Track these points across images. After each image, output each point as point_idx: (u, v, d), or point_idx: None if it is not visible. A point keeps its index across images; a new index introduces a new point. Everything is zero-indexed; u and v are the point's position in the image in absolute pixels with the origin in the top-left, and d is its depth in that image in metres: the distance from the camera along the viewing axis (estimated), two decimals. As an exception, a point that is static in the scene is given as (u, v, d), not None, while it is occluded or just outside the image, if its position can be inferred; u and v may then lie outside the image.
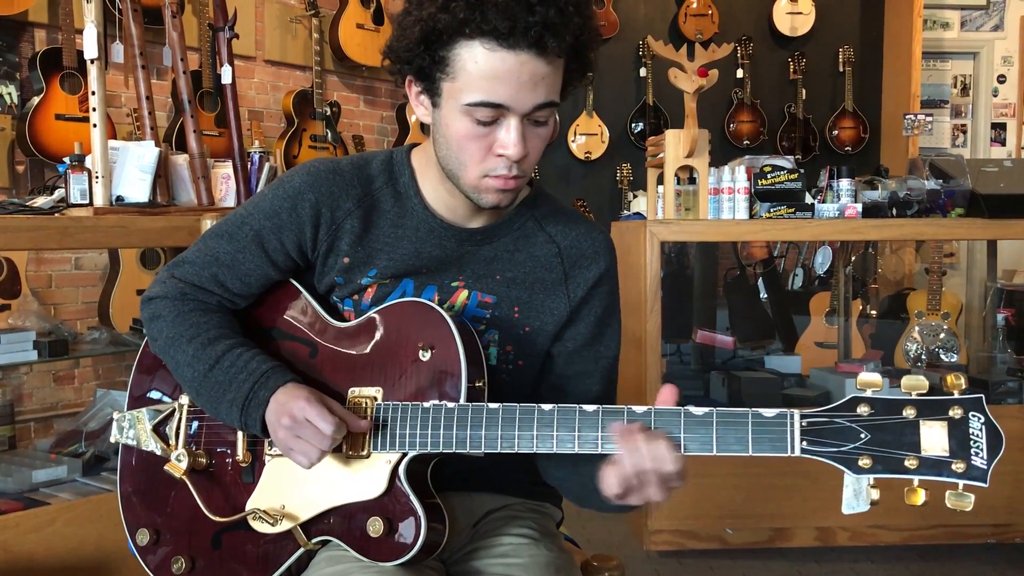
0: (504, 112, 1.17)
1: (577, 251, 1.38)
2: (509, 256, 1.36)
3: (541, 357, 1.39)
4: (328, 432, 1.17)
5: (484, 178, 1.22)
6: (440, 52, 1.17)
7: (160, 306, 1.33)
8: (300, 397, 1.20)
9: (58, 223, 2.14)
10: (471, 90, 1.16)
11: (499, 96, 1.16)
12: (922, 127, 4.02)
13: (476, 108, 1.17)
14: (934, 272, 3.93)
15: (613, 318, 1.41)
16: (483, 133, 1.19)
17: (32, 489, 2.34)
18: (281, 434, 1.21)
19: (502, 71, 1.14)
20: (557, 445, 1.16)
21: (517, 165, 1.21)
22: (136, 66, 2.43)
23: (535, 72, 1.15)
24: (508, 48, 1.13)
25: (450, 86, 1.19)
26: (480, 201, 1.25)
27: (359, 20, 5.27)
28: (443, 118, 1.22)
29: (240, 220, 1.33)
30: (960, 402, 1.04)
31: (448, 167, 1.25)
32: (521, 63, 1.14)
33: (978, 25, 6.57)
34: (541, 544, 1.36)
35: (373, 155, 1.37)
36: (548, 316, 1.36)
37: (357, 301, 1.34)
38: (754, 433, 1.10)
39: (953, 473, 1.03)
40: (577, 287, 1.37)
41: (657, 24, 6.08)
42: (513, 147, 1.18)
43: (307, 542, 1.27)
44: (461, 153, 1.22)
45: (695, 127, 3.18)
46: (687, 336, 4.22)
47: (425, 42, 1.17)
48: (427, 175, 1.33)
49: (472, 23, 1.13)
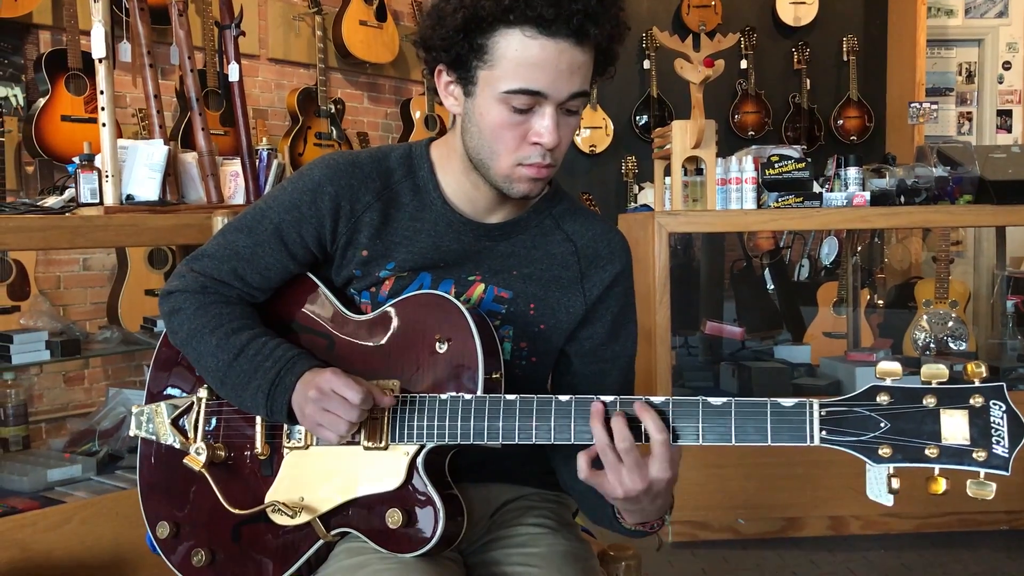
0: (541, 100, 1.18)
1: (594, 251, 1.38)
2: (526, 253, 1.36)
3: (555, 355, 1.40)
4: (356, 400, 1.17)
5: (517, 167, 1.23)
6: (479, 39, 1.18)
7: (180, 299, 1.34)
8: (326, 371, 1.21)
9: (69, 223, 2.15)
10: (509, 78, 1.17)
11: (538, 83, 1.17)
12: (927, 115, 4.01)
13: (514, 96, 1.18)
14: (941, 260, 3.92)
15: (629, 318, 1.42)
16: (519, 121, 1.20)
17: (47, 488, 2.35)
18: (308, 409, 1.21)
19: (541, 59, 1.16)
20: (575, 436, 1.17)
21: (551, 154, 1.22)
22: (144, 65, 2.43)
23: (573, 60, 1.17)
24: (549, 36, 1.15)
25: (487, 74, 1.19)
26: (511, 190, 1.26)
27: (362, 17, 5.28)
28: (477, 107, 1.22)
29: (259, 214, 1.34)
30: (981, 390, 1.03)
31: (479, 156, 1.25)
32: (560, 51, 1.16)
33: (982, 12, 6.55)
34: (559, 534, 1.37)
35: (392, 148, 1.38)
36: (563, 314, 1.37)
37: (374, 294, 1.35)
38: (773, 423, 1.10)
39: (974, 462, 1.02)
40: (593, 286, 1.38)
41: (660, 16, 6.07)
42: (549, 135, 1.19)
43: (326, 534, 1.27)
44: (495, 142, 1.22)
45: (702, 118, 3.17)
46: (695, 328, 4.22)
47: (465, 29, 1.18)
48: (448, 168, 1.34)
49: (516, 10, 1.14)
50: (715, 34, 3.39)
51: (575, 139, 5.93)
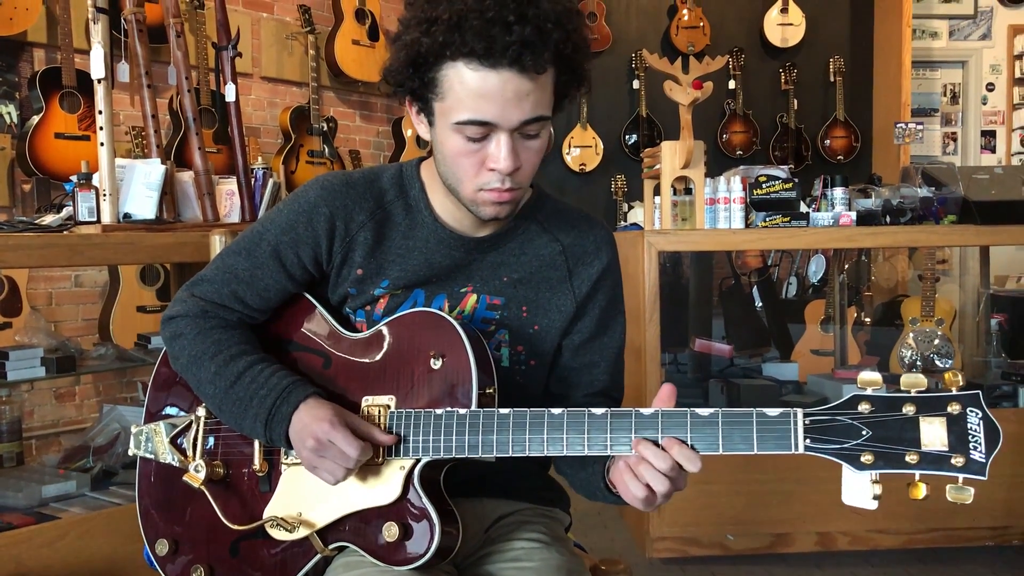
0: (492, 128, 1.21)
1: (580, 248, 1.43)
2: (515, 259, 1.40)
3: (551, 354, 1.43)
4: (354, 455, 1.21)
5: (480, 192, 1.26)
6: (428, 74, 1.21)
7: (181, 325, 1.36)
8: (324, 419, 1.23)
9: (67, 240, 2.17)
10: (459, 109, 1.20)
11: (485, 114, 1.19)
12: (913, 135, 4.06)
13: (465, 126, 1.21)
14: (927, 279, 3.97)
15: (617, 310, 1.46)
16: (474, 149, 1.23)
17: (42, 504, 2.36)
18: (305, 454, 1.25)
19: (486, 89, 1.17)
20: (567, 448, 1.19)
21: (510, 178, 1.24)
22: (142, 85, 2.47)
23: (519, 89, 1.18)
24: (489, 67, 1.16)
25: (441, 106, 1.23)
26: (479, 213, 1.29)
27: (355, 36, 5.32)
28: (438, 136, 1.26)
29: (257, 236, 1.37)
30: (958, 398, 1.07)
31: (448, 182, 1.29)
32: (504, 81, 1.17)
33: (966, 34, 6.65)
34: (552, 548, 1.39)
35: (384, 168, 1.41)
36: (555, 313, 1.40)
37: (369, 312, 1.38)
38: (759, 432, 1.13)
39: (953, 467, 1.06)
40: (582, 283, 1.42)
41: (649, 37, 6.14)
42: (503, 161, 1.22)
43: (324, 548, 1.30)
44: (456, 169, 1.26)
45: (691, 139, 3.22)
46: (683, 345, 4.26)
47: (413, 65, 1.21)
48: (435, 188, 1.37)
49: (452, 45, 1.17)
50: (703, 55, 3.43)
51: (564, 157, 6.00)
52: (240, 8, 4.95)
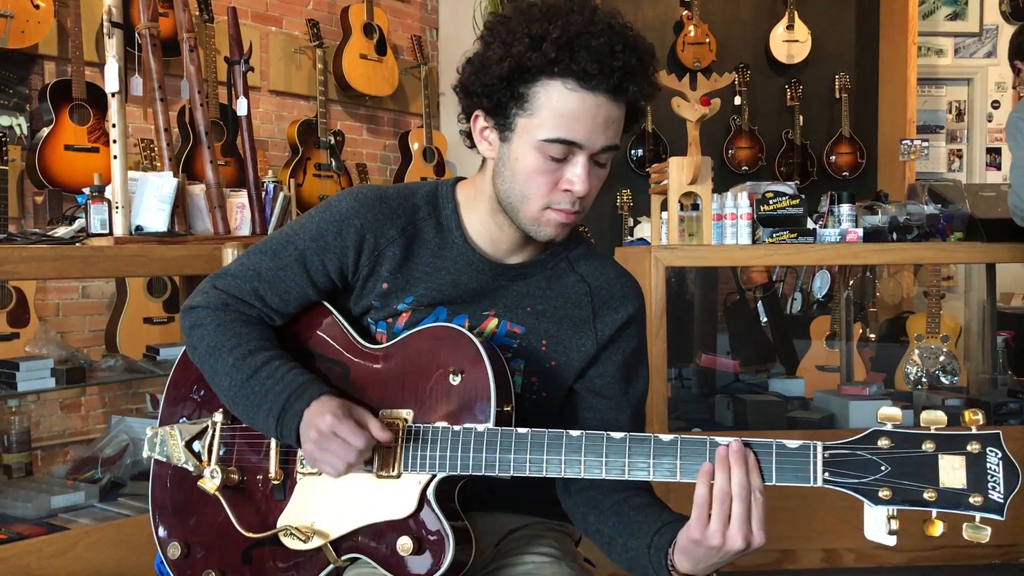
0: (575, 150, 1.24)
1: (607, 292, 1.43)
2: (541, 293, 1.41)
3: (565, 391, 1.43)
4: (359, 446, 1.22)
5: (546, 210, 1.28)
6: (521, 88, 1.24)
7: (202, 315, 1.37)
8: (328, 412, 1.24)
9: (80, 252, 2.19)
10: (548, 127, 1.23)
11: (575, 134, 1.22)
12: (918, 152, 4.07)
13: (551, 144, 1.23)
14: (933, 295, 3.97)
15: (641, 360, 1.45)
16: (552, 168, 1.25)
17: (51, 515, 2.37)
18: (308, 447, 1.26)
19: (580, 111, 1.21)
20: (585, 470, 1.20)
21: (580, 201, 1.27)
22: (155, 99, 2.48)
23: (609, 115, 1.23)
24: (588, 89, 1.21)
25: (526, 122, 1.25)
26: (538, 233, 1.31)
27: (362, 51, 5.34)
28: (513, 152, 1.28)
29: (285, 239, 1.39)
30: (978, 437, 1.07)
31: (509, 200, 1.30)
32: (598, 105, 1.22)
33: (971, 52, 6.67)
34: (563, 562, 1.39)
35: (419, 186, 1.43)
36: (575, 352, 1.40)
37: (391, 324, 1.39)
38: (778, 463, 1.13)
39: (971, 506, 1.06)
40: (605, 327, 1.41)
41: (656, 53, 6.14)
42: (580, 183, 1.25)
43: (337, 559, 1.30)
44: (528, 186, 1.27)
45: (698, 154, 3.23)
46: (688, 360, 4.26)
47: (510, 78, 1.23)
48: (474, 208, 1.38)
49: (561, 63, 1.20)
50: (710, 71, 3.45)
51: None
52: (249, 22, 4.98)
